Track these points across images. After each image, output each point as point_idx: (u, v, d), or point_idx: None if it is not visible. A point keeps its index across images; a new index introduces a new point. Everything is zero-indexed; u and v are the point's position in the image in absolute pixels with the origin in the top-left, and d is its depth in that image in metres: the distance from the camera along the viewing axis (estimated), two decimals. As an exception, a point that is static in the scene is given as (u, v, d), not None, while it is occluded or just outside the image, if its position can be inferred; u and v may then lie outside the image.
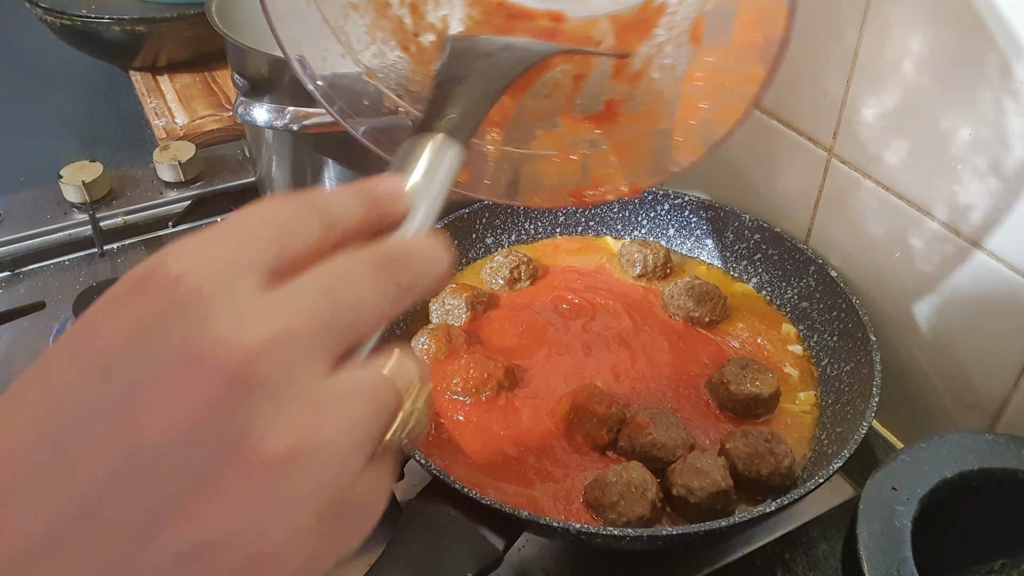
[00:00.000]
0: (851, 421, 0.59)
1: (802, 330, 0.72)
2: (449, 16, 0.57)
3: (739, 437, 0.59)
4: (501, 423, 0.63)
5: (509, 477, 0.59)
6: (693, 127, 0.54)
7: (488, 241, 0.80)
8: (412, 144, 0.38)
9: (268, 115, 0.69)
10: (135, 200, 0.98)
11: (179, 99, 1.15)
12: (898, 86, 0.61)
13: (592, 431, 0.61)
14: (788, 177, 0.75)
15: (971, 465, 0.51)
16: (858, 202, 0.68)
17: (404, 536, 0.53)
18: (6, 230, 0.93)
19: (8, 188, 1.02)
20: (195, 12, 1.13)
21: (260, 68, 0.73)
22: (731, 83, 0.53)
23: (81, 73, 1.26)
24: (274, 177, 0.81)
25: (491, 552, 0.52)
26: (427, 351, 0.67)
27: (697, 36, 0.54)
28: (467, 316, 0.71)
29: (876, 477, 0.50)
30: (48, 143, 1.12)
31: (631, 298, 0.74)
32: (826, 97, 0.68)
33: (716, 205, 0.78)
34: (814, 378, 0.67)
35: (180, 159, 0.99)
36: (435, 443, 0.61)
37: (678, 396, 0.65)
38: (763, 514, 0.52)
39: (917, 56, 0.59)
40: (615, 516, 0.54)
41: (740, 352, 0.69)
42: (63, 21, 1.13)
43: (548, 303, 0.74)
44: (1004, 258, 0.58)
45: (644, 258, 0.76)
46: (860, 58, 0.64)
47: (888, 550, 0.46)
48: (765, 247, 0.76)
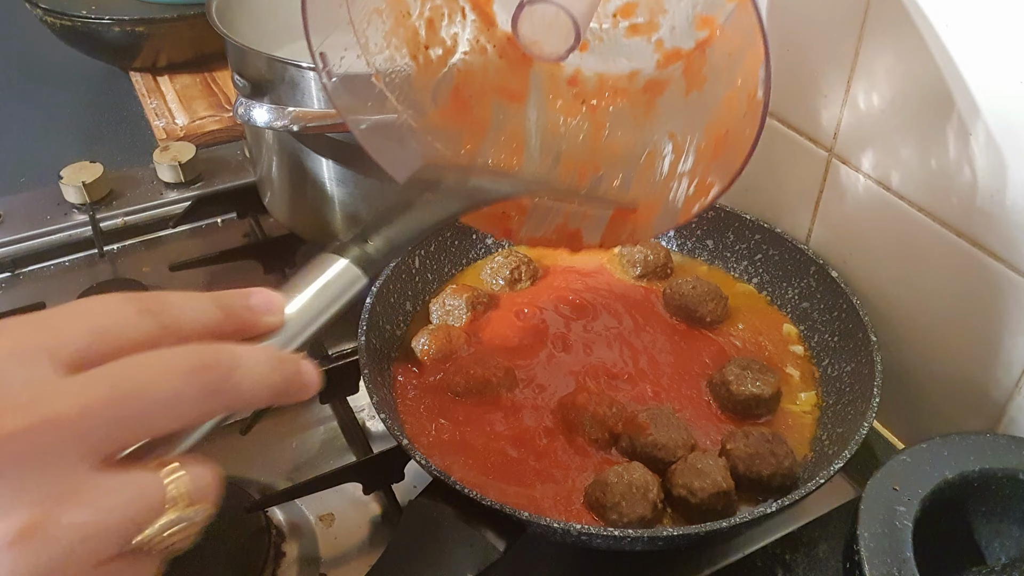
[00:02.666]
0: (852, 421, 0.59)
1: (803, 330, 0.71)
2: (459, 35, 0.62)
3: (740, 438, 0.59)
4: (501, 423, 0.63)
5: (510, 478, 0.59)
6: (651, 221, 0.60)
7: (488, 241, 0.80)
8: (320, 260, 0.39)
9: (268, 115, 0.69)
10: (135, 201, 0.98)
11: (179, 100, 1.15)
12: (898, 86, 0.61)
13: (593, 432, 0.61)
14: (789, 177, 0.75)
15: (972, 466, 0.51)
16: (858, 202, 0.68)
17: (404, 537, 0.53)
18: (6, 231, 0.93)
19: (8, 188, 1.02)
20: (195, 13, 1.13)
21: (260, 69, 0.73)
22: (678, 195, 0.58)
23: (81, 74, 1.26)
24: (274, 177, 0.81)
25: (492, 553, 0.52)
26: (427, 351, 0.67)
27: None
28: (467, 317, 0.71)
29: (877, 477, 0.50)
30: (48, 144, 1.12)
31: (632, 298, 0.74)
32: (826, 97, 0.68)
33: (716, 205, 0.78)
34: (815, 379, 0.67)
35: (180, 160, 0.99)
36: (435, 443, 0.61)
37: (679, 396, 0.65)
38: (764, 515, 0.52)
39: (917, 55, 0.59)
40: (616, 517, 0.54)
41: (742, 352, 0.69)
42: (63, 22, 1.13)
43: (549, 303, 0.73)
44: (1005, 258, 0.58)
45: (645, 258, 0.76)
46: (860, 58, 0.64)
47: (889, 550, 0.46)
48: (766, 247, 0.75)
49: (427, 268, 0.75)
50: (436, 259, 0.76)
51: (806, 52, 0.68)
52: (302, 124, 0.69)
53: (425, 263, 0.75)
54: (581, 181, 0.62)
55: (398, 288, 0.71)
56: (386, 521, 0.64)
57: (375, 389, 0.60)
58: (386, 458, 0.64)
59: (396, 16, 0.59)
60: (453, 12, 0.61)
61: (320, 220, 0.80)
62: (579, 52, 0.63)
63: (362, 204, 0.77)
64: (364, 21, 0.57)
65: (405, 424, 0.62)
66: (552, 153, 0.63)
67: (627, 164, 0.61)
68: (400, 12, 0.59)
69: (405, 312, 0.72)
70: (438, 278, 0.76)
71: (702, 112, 0.58)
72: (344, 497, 0.65)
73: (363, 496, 0.65)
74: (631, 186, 0.61)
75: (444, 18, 0.61)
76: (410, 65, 0.60)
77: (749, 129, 0.47)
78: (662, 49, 0.62)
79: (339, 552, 0.62)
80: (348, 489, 0.64)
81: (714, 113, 0.57)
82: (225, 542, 0.59)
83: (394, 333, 0.70)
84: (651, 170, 0.60)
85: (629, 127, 0.62)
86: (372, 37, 0.58)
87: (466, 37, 0.62)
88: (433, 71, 0.61)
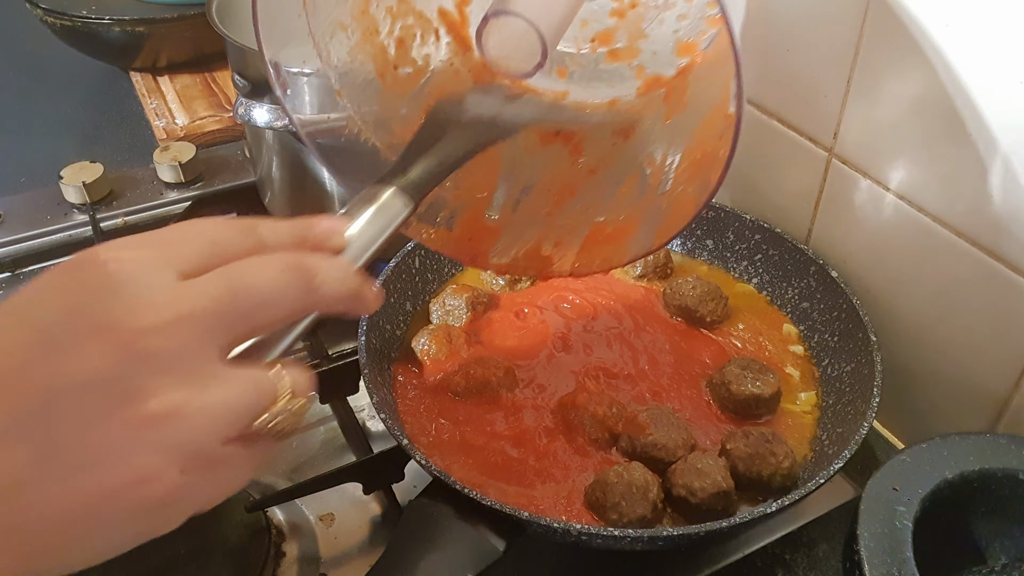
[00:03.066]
0: (852, 421, 0.59)
1: (803, 330, 0.71)
2: (432, 56, 0.60)
3: (740, 438, 0.59)
4: (501, 423, 0.63)
5: (510, 477, 0.59)
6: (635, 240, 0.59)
7: (488, 241, 0.80)
8: (369, 192, 0.44)
9: (268, 116, 0.69)
10: (135, 201, 0.98)
11: (179, 100, 1.15)
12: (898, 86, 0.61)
13: (593, 432, 0.61)
14: (788, 177, 0.75)
15: (972, 466, 0.51)
16: (858, 202, 0.68)
17: (405, 536, 0.53)
18: (6, 231, 0.93)
19: (8, 189, 1.02)
20: (195, 13, 1.13)
21: (260, 69, 0.72)
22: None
23: (81, 74, 1.26)
24: (274, 177, 0.81)
25: (492, 552, 0.52)
26: (427, 351, 0.67)
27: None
28: (467, 317, 0.71)
29: (877, 477, 0.50)
30: (49, 144, 1.12)
31: (632, 298, 0.74)
32: (826, 97, 0.68)
33: (716, 205, 0.78)
34: (815, 379, 0.67)
35: (180, 160, 0.99)
36: (436, 443, 0.61)
37: (679, 396, 0.65)
38: (764, 515, 0.52)
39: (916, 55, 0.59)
40: (616, 517, 0.54)
41: (742, 352, 0.69)
42: (63, 22, 1.13)
43: (549, 303, 0.73)
44: (1005, 258, 0.58)
45: (645, 259, 0.76)
46: (860, 58, 0.64)
47: (889, 550, 0.46)
48: (766, 247, 0.75)
49: (427, 268, 0.75)
50: (436, 259, 0.76)
51: (806, 52, 0.68)
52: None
53: (425, 263, 0.75)
54: (556, 207, 0.60)
55: (398, 288, 0.71)
56: (386, 521, 0.64)
57: (375, 389, 0.60)
58: (386, 458, 0.64)
59: (363, 32, 0.57)
60: (427, 33, 0.59)
61: (320, 220, 0.80)
62: (558, 78, 0.62)
63: (362, 204, 0.77)
64: (326, 34, 0.55)
65: (405, 424, 0.62)
66: (526, 178, 0.61)
67: (604, 188, 0.60)
68: (367, 28, 0.57)
69: (405, 312, 0.72)
70: (438, 278, 0.76)
71: (682, 135, 0.57)
72: (344, 497, 0.65)
73: (363, 496, 0.65)
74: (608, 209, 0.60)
75: (416, 38, 0.59)
76: (375, 83, 0.58)
77: (723, 149, 0.46)
78: (643, 76, 0.60)
79: (339, 552, 0.62)
80: (348, 489, 0.64)
81: (694, 134, 0.56)
82: (225, 542, 0.59)
83: (394, 333, 0.70)
84: (629, 192, 0.59)
85: (607, 152, 0.61)
86: (335, 51, 0.56)
87: (439, 59, 0.60)
88: (402, 90, 0.59)
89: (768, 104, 0.74)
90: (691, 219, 0.51)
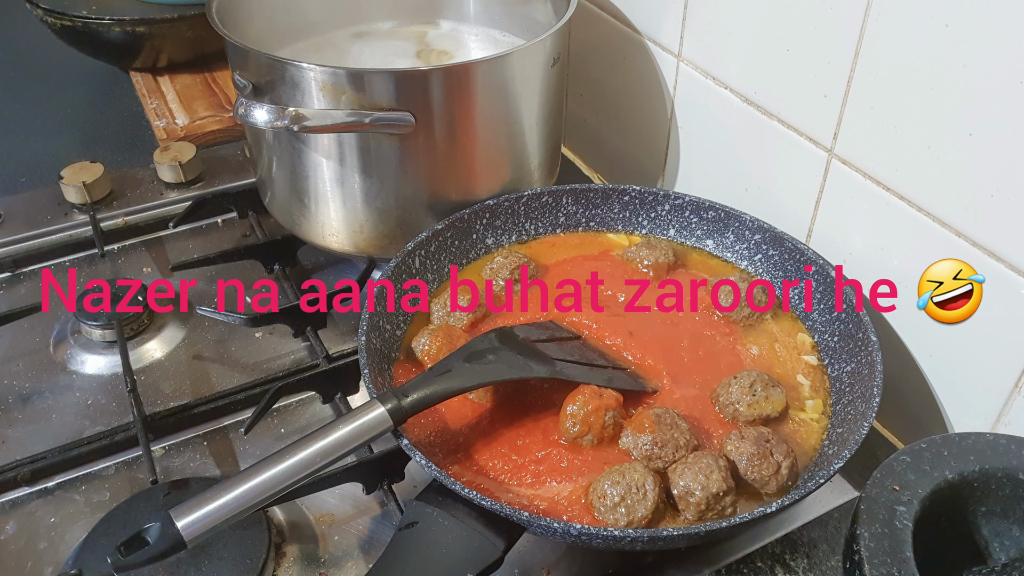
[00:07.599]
0: (852, 422, 0.59)
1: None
2: None
3: (740, 438, 0.59)
4: (502, 423, 0.63)
5: (510, 477, 0.59)
6: None
7: (488, 241, 0.80)
8: (362, 407, 0.56)
9: (268, 115, 0.69)
10: (136, 201, 0.98)
11: (180, 100, 1.15)
12: (898, 86, 0.61)
13: (594, 431, 0.61)
14: (788, 177, 0.75)
15: (972, 466, 0.50)
16: (858, 202, 0.68)
17: (405, 537, 0.53)
18: (7, 230, 0.93)
19: (9, 188, 1.02)
20: (195, 13, 1.13)
21: (260, 69, 0.73)
22: None
23: (82, 74, 1.26)
24: (274, 178, 0.81)
25: (491, 553, 0.52)
26: (427, 351, 0.67)
27: None
28: (468, 317, 0.71)
29: (877, 477, 0.50)
30: (49, 144, 1.12)
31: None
32: (826, 97, 0.68)
33: (716, 205, 0.78)
34: (825, 388, 0.67)
35: (181, 160, 0.99)
36: (436, 444, 0.61)
37: (683, 396, 0.65)
38: (764, 515, 0.52)
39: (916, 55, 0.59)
40: (616, 517, 0.54)
41: (757, 360, 0.68)
42: (64, 22, 1.13)
43: (549, 303, 0.73)
44: (1004, 257, 0.58)
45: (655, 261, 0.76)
46: (860, 58, 0.64)
47: (889, 550, 0.46)
48: (766, 247, 0.75)
49: (427, 268, 0.75)
50: (436, 259, 0.76)
51: (806, 52, 0.69)
52: (302, 124, 0.69)
53: (425, 263, 0.75)
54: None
55: (398, 288, 0.71)
56: (386, 521, 0.64)
57: (375, 389, 0.60)
58: (386, 458, 0.64)
59: None
60: None
61: (320, 220, 0.80)
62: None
63: (362, 204, 0.77)
64: None
65: (405, 424, 0.62)
66: None
67: None
68: None
69: (405, 312, 0.72)
70: (438, 278, 0.76)
71: None
72: (344, 497, 0.65)
73: (363, 496, 0.65)
74: None
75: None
76: None
77: None
78: None
79: (339, 552, 0.62)
80: (348, 489, 0.64)
81: None
82: (225, 542, 0.59)
83: (394, 333, 0.70)
84: None
85: None
86: None
87: None
88: None
89: (768, 104, 0.74)
90: None
